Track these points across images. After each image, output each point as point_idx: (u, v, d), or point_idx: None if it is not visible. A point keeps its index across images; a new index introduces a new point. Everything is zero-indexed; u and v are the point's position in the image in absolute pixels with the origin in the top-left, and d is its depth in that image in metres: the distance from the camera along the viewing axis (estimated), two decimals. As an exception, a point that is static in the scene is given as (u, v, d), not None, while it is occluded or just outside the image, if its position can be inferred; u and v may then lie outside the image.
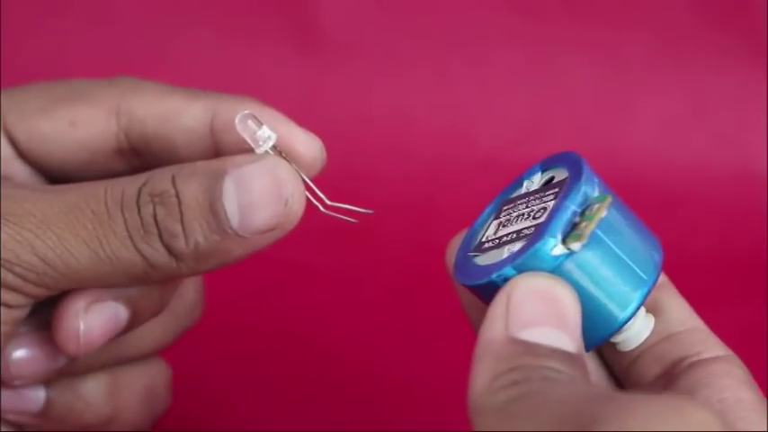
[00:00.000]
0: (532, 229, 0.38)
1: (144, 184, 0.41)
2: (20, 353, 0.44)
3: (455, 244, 0.42)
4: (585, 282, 0.38)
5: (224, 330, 0.68)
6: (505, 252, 0.39)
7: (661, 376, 0.40)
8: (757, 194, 0.77)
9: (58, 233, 0.40)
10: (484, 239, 0.41)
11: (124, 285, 0.42)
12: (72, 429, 0.47)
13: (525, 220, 0.39)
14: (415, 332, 0.68)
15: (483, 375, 0.35)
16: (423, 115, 0.78)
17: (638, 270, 0.38)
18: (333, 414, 0.64)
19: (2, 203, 0.40)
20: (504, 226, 0.40)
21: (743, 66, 0.80)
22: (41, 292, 0.41)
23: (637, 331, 0.40)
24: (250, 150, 0.41)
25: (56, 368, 0.45)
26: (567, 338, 0.36)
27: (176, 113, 0.44)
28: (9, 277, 0.40)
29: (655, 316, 0.41)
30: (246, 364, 0.67)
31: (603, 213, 0.37)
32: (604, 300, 0.38)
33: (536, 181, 0.42)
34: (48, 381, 0.46)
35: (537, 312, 0.36)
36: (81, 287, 0.42)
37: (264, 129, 0.41)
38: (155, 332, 0.48)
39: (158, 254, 0.40)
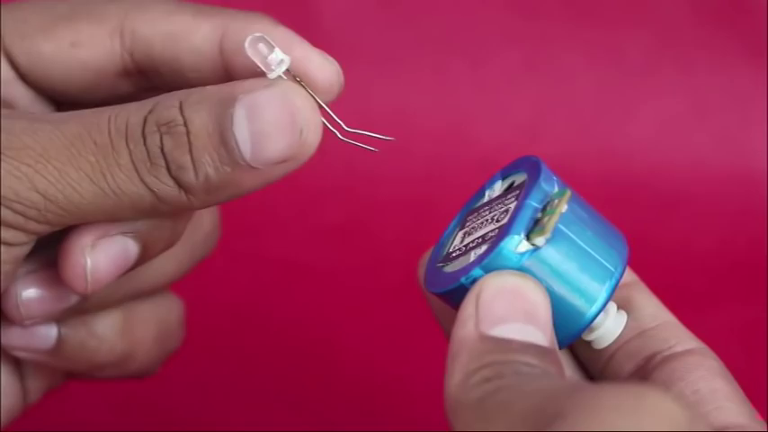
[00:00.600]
0: (496, 231, 0.39)
1: (150, 113, 0.38)
2: (29, 292, 0.42)
3: (424, 260, 0.42)
4: (553, 276, 0.38)
5: (222, 329, 0.68)
6: (472, 256, 0.39)
7: (635, 373, 0.40)
8: (757, 194, 0.77)
9: (59, 167, 0.38)
10: (451, 250, 0.41)
11: (132, 219, 0.40)
12: (85, 368, 0.45)
13: (489, 224, 0.40)
14: (414, 332, 0.68)
15: (457, 374, 0.35)
16: (423, 115, 0.78)
17: (604, 262, 0.38)
18: (332, 413, 0.64)
19: None
20: (469, 234, 0.40)
21: (743, 66, 0.80)
22: (44, 229, 0.39)
23: (610, 328, 0.40)
24: (262, 74, 0.39)
25: (67, 307, 0.43)
26: (538, 333, 0.36)
27: (184, 33, 0.42)
28: (9, 215, 0.38)
29: (626, 313, 0.41)
30: (245, 364, 0.67)
31: (564, 207, 0.38)
32: (573, 293, 0.38)
33: (497, 188, 0.42)
34: (60, 318, 0.44)
35: (507, 309, 0.36)
36: (86, 222, 0.40)
37: (277, 52, 0.39)
38: (168, 265, 0.46)
39: (167, 187, 0.38)
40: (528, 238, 0.38)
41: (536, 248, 0.37)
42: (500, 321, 0.36)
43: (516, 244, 0.37)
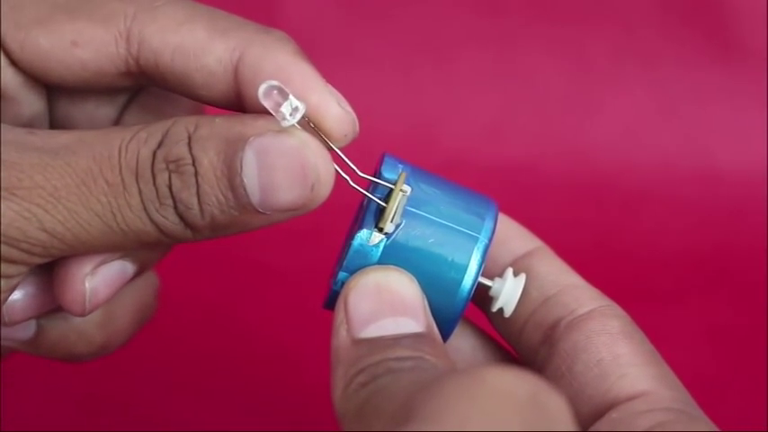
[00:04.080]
0: (354, 231, 0.39)
1: (159, 147, 0.37)
2: (15, 296, 0.41)
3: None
4: (417, 259, 0.38)
5: (193, 331, 0.67)
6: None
7: (543, 342, 0.40)
8: (723, 193, 0.77)
9: (69, 207, 0.37)
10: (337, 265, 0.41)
11: (134, 249, 0.40)
12: (62, 357, 0.44)
13: (354, 228, 0.40)
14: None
15: (338, 384, 0.35)
16: (388, 116, 0.78)
17: (466, 230, 0.39)
18: (302, 415, 0.64)
19: (8, 173, 0.37)
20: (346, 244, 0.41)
21: (709, 63, 0.80)
22: (45, 261, 0.39)
23: (510, 293, 0.40)
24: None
25: (50, 309, 0.42)
26: (409, 321, 0.36)
27: (197, 50, 0.39)
28: (14, 253, 0.37)
29: (525, 272, 0.41)
30: (215, 366, 0.67)
31: (405, 188, 0.38)
32: (443, 269, 0.38)
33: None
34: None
35: (373, 307, 0.36)
36: (88, 253, 0.39)
37: (292, 100, 0.37)
38: (155, 257, 0.44)
39: (172, 224, 0.38)
40: (379, 229, 0.38)
41: (387, 235, 0.38)
42: (369, 321, 0.36)
43: (368, 237, 0.38)
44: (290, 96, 0.37)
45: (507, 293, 0.40)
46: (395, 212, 0.38)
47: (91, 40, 0.40)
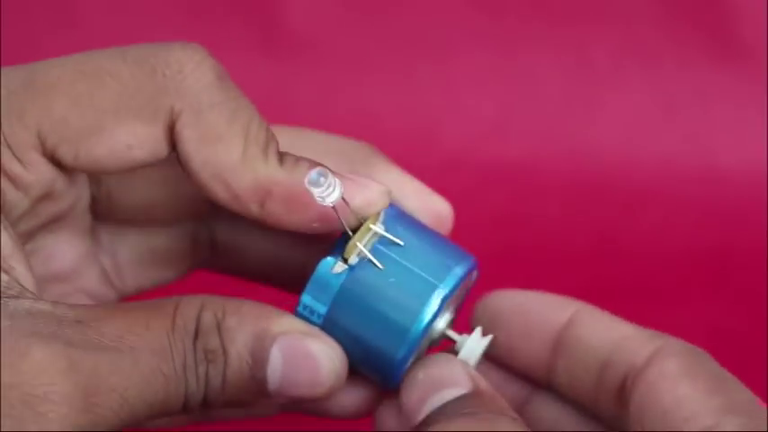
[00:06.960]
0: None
1: (197, 337, 0.39)
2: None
3: None
4: (374, 294, 0.39)
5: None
6: None
7: (622, 407, 0.40)
8: (725, 192, 0.77)
9: (132, 403, 0.39)
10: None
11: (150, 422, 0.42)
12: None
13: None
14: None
15: None
16: (389, 116, 0.78)
17: (428, 277, 0.39)
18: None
19: (88, 380, 0.38)
20: None
21: (710, 62, 0.80)
22: None
23: (469, 349, 0.41)
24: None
25: None
26: (451, 390, 0.39)
27: (227, 172, 0.41)
28: None
29: (574, 344, 0.42)
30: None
31: (373, 225, 0.39)
32: (396, 310, 0.39)
33: None
34: None
35: (419, 394, 0.39)
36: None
37: (330, 182, 0.38)
38: None
39: (195, 401, 0.40)
40: (344, 260, 0.39)
41: (351, 268, 0.39)
42: (419, 406, 0.39)
43: (331, 265, 0.39)
44: (329, 180, 0.38)
45: (467, 350, 0.41)
46: (361, 246, 0.39)
47: (145, 140, 0.41)
